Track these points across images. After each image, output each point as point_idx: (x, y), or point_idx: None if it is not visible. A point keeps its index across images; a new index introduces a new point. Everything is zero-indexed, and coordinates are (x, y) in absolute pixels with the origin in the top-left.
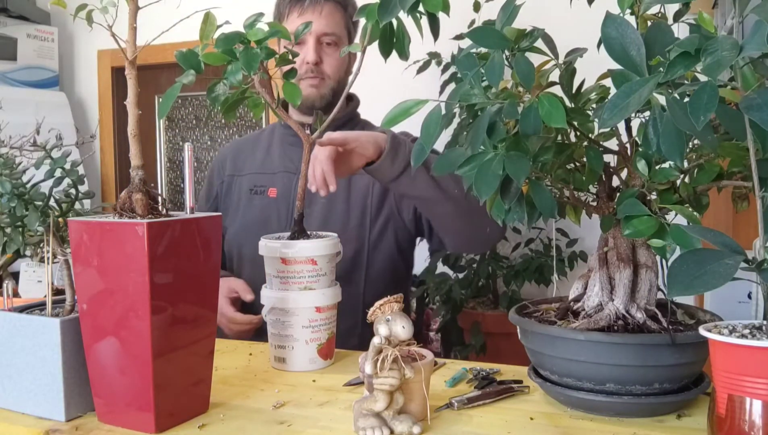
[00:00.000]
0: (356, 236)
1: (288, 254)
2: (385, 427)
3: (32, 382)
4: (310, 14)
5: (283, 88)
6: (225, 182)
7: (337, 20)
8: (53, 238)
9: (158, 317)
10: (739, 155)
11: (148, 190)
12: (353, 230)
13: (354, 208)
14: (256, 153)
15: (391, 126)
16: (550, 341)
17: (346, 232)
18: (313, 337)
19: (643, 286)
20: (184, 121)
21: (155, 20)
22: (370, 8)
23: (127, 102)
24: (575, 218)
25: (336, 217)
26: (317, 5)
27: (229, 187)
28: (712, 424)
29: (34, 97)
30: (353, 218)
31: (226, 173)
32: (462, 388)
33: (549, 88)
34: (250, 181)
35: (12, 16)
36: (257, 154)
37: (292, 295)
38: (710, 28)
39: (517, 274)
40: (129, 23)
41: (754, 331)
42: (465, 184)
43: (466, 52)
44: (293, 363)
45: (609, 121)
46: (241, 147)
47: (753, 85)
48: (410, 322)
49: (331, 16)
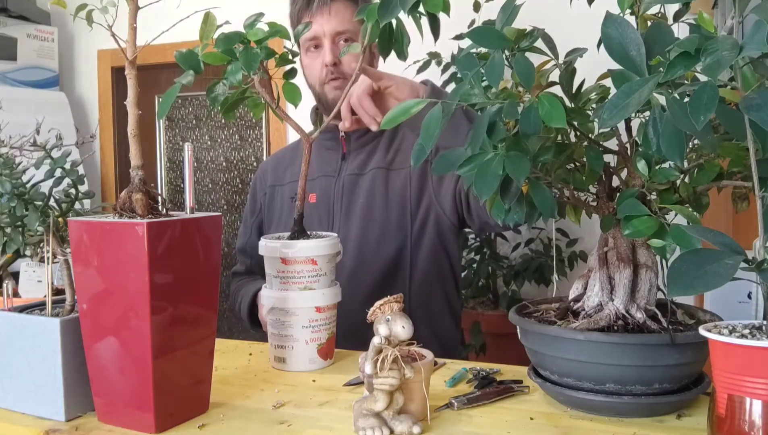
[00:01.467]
0: (398, 233)
1: (288, 254)
2: (385, 427)
3: (32, 382)
4: (320, 17)
5: (283, 88)
6: (267, 194)
7: (348, 16)
8: (53, 238)
9: (158, 317)
10: (739, 155)
11: (148, 190)
12: (394, 227)
13: (393, 205)
14: (296, 161)
15: (391, 126)
16: (550, 341)
17: (388, 230)
18: (313, 337)
19: (643, 286)
20: (184, 121)
21: (155, 20)
22: (370, 8)
23: (127, 102)
24: (575, 218)
25: (376, 215)
26: (324, 6)
27: (272, 197)
28: (712, 424)
29: (34, 97)
30: (393, 215)
31: (267, 184)
32: (462, 388)
33: (549, 88)
34: (291, 189)
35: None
36: (297, 162)
37: (292, 295)
38: (710, 28)
39: (517, 274)
40: (129, 23)
41: (754, 331)
42: (465, 184)
43: (466, 52)
44: (293, 363)
45: (609, 121)
46: (281, 158)
47: (753, 85)
48: (410, 322)
49: (341, 14)
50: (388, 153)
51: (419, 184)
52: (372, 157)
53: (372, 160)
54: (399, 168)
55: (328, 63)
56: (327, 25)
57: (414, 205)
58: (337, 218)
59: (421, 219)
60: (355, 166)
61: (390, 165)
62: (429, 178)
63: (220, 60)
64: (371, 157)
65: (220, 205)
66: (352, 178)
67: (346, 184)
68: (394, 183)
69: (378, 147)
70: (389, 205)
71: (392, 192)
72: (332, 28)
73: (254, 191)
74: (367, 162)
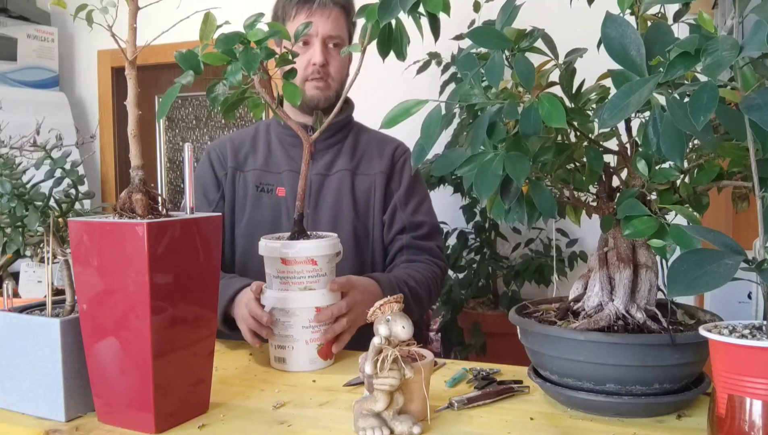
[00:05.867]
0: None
1: (288, 254)
2: (385, 427)
3: (32, 382)
4: (318, 17)
5: (283, 89)
6: (228, 175)
7: (341, 24)
8: (53, 238)
9: (158, 317)
10: (739, 155)
11: (148, 190)
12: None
13: (360, 207)
14: (258, 150)
15: (391, 126)
16: (550, 341)
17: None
18: (313, 338)
19: (643, 286)
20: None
21: (155, 20)
22: (370, 8)
23: (127, 102)
24: (575, 218)
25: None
26: (325, 9)
27: (232, 181)
28: (712, 424)
29: (34, 97)
30: (360, 217)
31: (228, 165)
32: (462, 388)
33: (549, 88)
34: (256, 177)
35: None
36: (259, 151)
37: (292, 295)
38: (710, 28)
39: (517, 274)
40: (129, 23)
41: (754, 331)
42: (465, 184)
43: (466, 52)
44: (293, 363)
45: (609, 121)
46: (240, 143)
47: (753, 85)
48: (410, 322)
49: (337, 20)
50: (353, 158)
51: (382, 193)
52: (337, 159)
53: (338, 162)
54: (363, 173)
55: (318, 63)
56: (323, 26)
57: (377, 211)
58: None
59: (380, 224)
60: (322, 166)
61: (355, 169)
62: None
63: (220, 60)
64: (337, 159)
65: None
66: (319, 177)
67: (314, 183)
68: (359, 186)
69: (342, 151)
70: (356, 208)
71: (359, 194)
72: (326, 31)
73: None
74: (333, 163)
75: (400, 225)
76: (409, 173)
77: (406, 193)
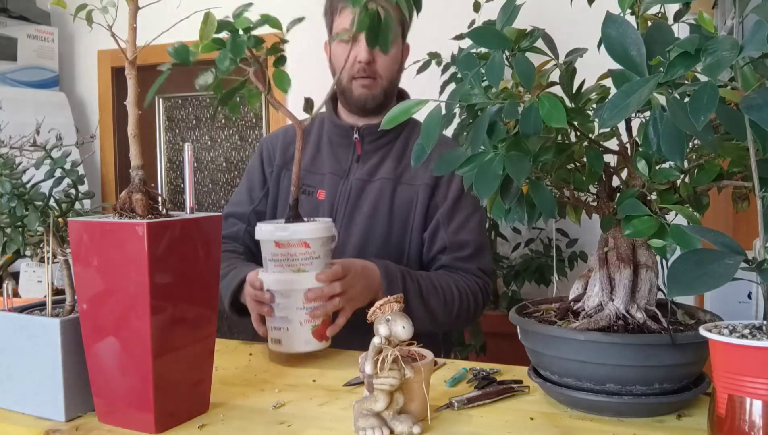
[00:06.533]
0: (396, 251)
1: (281, 237)
2: (385, 427)
3: (32, 382)
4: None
5: (273, 75)
6: (274, 173)
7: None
8: (53, 238)
9: (158, 317)
10: (739, 155)
11: (148, 190)
12: (393, 245)
13: (396, 221)
14: (306, 147)
15: (391, 126)
16: (550, 341)
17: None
18: (307, 319)
19: (643, 286)
20: (184, 122)
21: (155, 20)
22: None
23: (127, 102)
24: (575, 218)
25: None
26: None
27: (278, 179)
28: (712, 424)
29: (34, 97)
30: (395, 232)
31: (276, 162)
32: (462, 388)
33: (549, 88)
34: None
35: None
36: (307, 148)
37: (285, 276)
38: (710, 28)
39: (517, 274)
40: (129, 23)
41: (754, 331)
42: (465, 184)
43: (466, 52)
44: (289, 344)
45: (609, 121)
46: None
47: (753, 85)
48: (410, 322)
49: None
50: (399, 164)
51: (424, 208)
52: (383, 163)
53: (382, 167)
54: (407, 183)
55: (363, 60)
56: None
57: (416, 229)
58: (338, 221)
59: (418, 241)
60: (366, 171)
61: (399, 178)
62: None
63: (210, 49)
64: (382, 164)
65: (220, 205)
66: (360, 183)
67: (354, 189)
68: (400, 197)
69: (390, 154)
70: (392, 221)
71: (397, 207)
72: None
73: (260, 162)
74: (377, 168)
75: (441, 244)
76: (458, 185)
77: (452, 208)
